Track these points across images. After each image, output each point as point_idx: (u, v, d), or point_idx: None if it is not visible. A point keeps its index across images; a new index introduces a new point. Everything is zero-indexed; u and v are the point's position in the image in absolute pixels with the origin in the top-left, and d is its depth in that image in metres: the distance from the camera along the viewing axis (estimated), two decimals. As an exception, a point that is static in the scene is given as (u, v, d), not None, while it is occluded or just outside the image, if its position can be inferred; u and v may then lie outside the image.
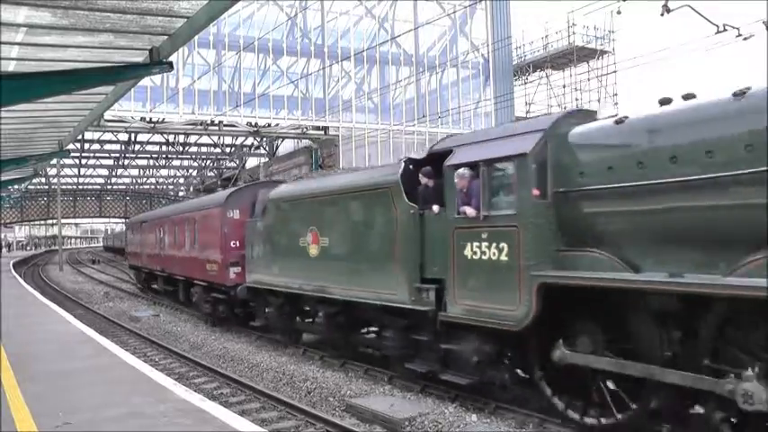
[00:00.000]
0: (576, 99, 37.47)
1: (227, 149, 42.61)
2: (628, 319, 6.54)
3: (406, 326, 9.12)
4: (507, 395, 8.32)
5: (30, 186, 53.37)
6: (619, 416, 6.56)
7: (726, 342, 5.74)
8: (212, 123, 28.41)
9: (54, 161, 34.33)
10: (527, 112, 40.06)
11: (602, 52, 37.41)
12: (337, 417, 8.26)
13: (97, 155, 45.30)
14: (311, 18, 30.42)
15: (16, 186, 40.91)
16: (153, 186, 65.49)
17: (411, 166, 9.14)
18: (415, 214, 8.64)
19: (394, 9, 31.80)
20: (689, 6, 14.68)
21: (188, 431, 5.76)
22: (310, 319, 12.08)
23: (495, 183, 7.56)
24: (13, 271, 33.80)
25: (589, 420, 6.85)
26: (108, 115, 24.62)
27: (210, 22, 6.37)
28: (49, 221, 75.50)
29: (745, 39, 14.70)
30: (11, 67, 6.83)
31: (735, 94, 5.84)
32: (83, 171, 53.77)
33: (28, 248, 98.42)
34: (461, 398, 8.48)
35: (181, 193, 62.10)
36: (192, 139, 39.49)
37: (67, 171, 52.28)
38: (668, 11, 14.39)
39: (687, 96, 6.44)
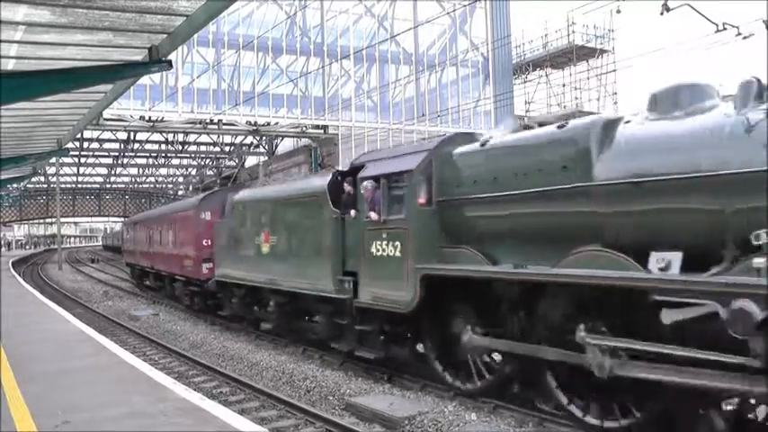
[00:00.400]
0: (576, 98, 37.47)
1: (227, 148, 42.57)
2: (489, 300, 8.16)
3: (332, 312, 10.70)
4: (413, 369, 9.72)
5: (29, 185, 53.32)
6: (478, 383, 8.41)
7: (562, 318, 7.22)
8: (211, 122, 28.35)
9: (53, 160, 34.29)
10: (526, 110, 40.05)
11: (602, 51, 37.38)
12: (337, 415, 8.26)
13: (96, 153, 45.22)
14: (310, 16, 30.37)
15: (15, 185, 40.88)
16: (152, 185, 65.44)
17: (338, 177, 10.79)
18: (338, 218, 10.35)
19: (393, 8, 31.76)
20: (689, 5, 14.65)
21: (188, 431, 5.75)
22: (266, 309, 13.60)
23: (392, 193, 9.24)
24: (12, 270, 33.79)
25: (461, 384, 8.60)
26: (107, 114, 24.58)
27: (209, 21, 6.35)
28: (48, 220, 75.45)
29: (744, 38, 14.68)
30: (10, 65, 6.82)
31: (558, 126, 7.52)
32: (82, 170, 53.73)
33: (27, 247, 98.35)
34: (461, 397, 8.48)
35: (180, 192, 62.05)
36: (192, 137, 39.45)
37: (66, 170, 52.24)
38: (668, 9, 14.35)
39: (542, 124, 7.86)
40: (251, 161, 43.96)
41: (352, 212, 10.02)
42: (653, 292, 5.97)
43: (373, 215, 9.45)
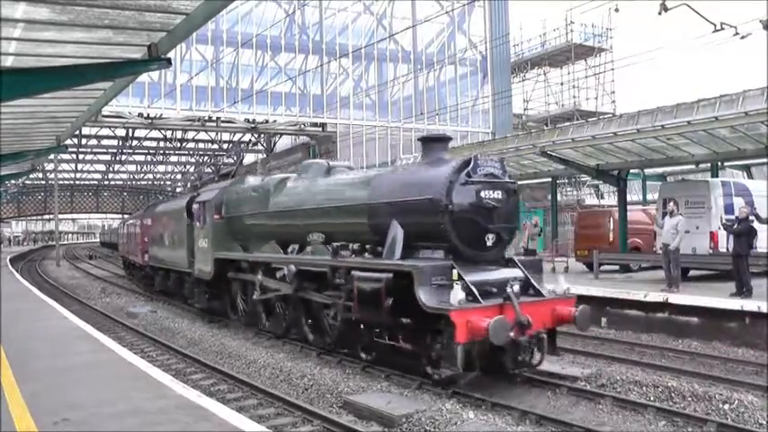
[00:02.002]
0: (574, 96, 37.52)
1: (225, 146, 42.54)
2: (244, 272, 14.36)
3: (192, 281, 17.22)
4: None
5: (27, 181, 53.27)
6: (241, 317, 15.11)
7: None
8: (210, 119, 28.36)
9: (51, 156, 34.20)
10: (525, 109, 40.07)
11: (600, 50, 37.40)
12: (334, 413, 8.27)
13: (95, 150, 45.14)
14: (309, 14, 30.37)
15: (13, 181, 40.82)
16: (150, 182, 65.38)
17: (193, 199, 17.35)
18: (190, 225, 17.01)
19: (392, 6, 31.76)
20: (686, 5, 14.64)
21: (187, 429, 5.77)
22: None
23: (205, 212, 15.82)
24: (9, 266, 33.75)
25: (233, 316, 15.45)
26: (106, 111, 24.55)
27: (209, 19, 6.36)
28: (46, 217, 75.36)
29: (742, 37, 14.69)
30: (8, 62, 6.82)
31: (262, 179, 14.92)
32: (80, 166, 53.65)
33: (25, 244, 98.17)
34: (459, 394, 8.51)
35: (178, 190, 62.00)
36: (190, 134, 39.40)
37: (65, 166, 52.17)
38: (666, 9, 14.35)
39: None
40: (249, 158, 43.96)
41: (194, 222, 16.50)
42: (271, 263, 12.82)
43: (198, 224, 16.17)
